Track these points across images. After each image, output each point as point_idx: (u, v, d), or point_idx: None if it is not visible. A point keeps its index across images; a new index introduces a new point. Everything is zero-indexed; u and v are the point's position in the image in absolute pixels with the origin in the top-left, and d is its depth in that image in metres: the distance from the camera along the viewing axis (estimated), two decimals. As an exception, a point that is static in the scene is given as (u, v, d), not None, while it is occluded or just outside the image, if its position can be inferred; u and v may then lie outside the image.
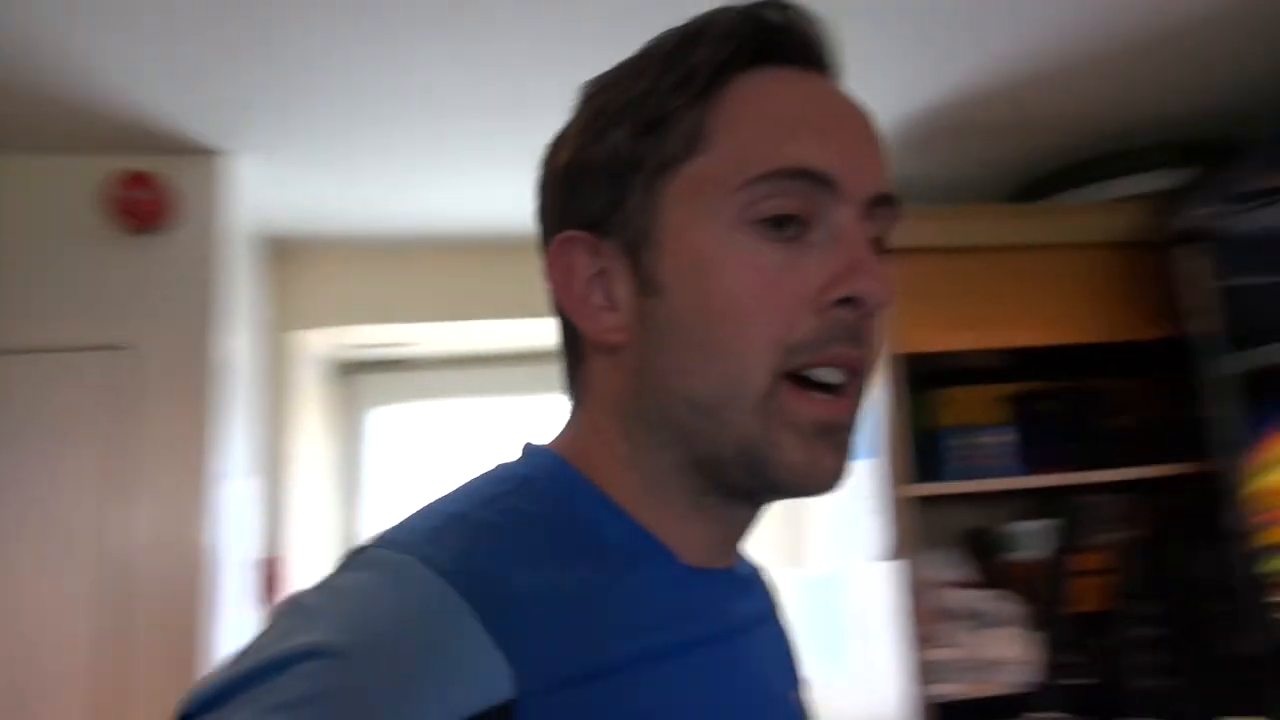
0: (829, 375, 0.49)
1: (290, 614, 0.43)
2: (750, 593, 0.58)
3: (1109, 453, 1.83)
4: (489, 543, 0.46)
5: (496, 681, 0.41)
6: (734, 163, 0.49)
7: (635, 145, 0.51)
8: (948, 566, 1.81)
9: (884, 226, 0.51)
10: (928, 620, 1.67)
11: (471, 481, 0.52)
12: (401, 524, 0.48)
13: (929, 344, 1.78)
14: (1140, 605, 1.66)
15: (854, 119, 0.52)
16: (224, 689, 0.40)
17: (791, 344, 0.48)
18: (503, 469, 0.53)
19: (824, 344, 0.48)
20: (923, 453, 1.74)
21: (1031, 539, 1.90)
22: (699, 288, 0.49)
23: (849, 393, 0.50)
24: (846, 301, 0.48)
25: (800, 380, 0.48)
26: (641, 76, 0.52)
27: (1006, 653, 1.70)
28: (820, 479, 0.49)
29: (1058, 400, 1.90)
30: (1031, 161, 1.94)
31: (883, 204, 0.50)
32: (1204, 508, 1.74)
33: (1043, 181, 1.95)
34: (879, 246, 0.51)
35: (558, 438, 0.56)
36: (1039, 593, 1.78)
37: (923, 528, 1.70)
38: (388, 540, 0.46)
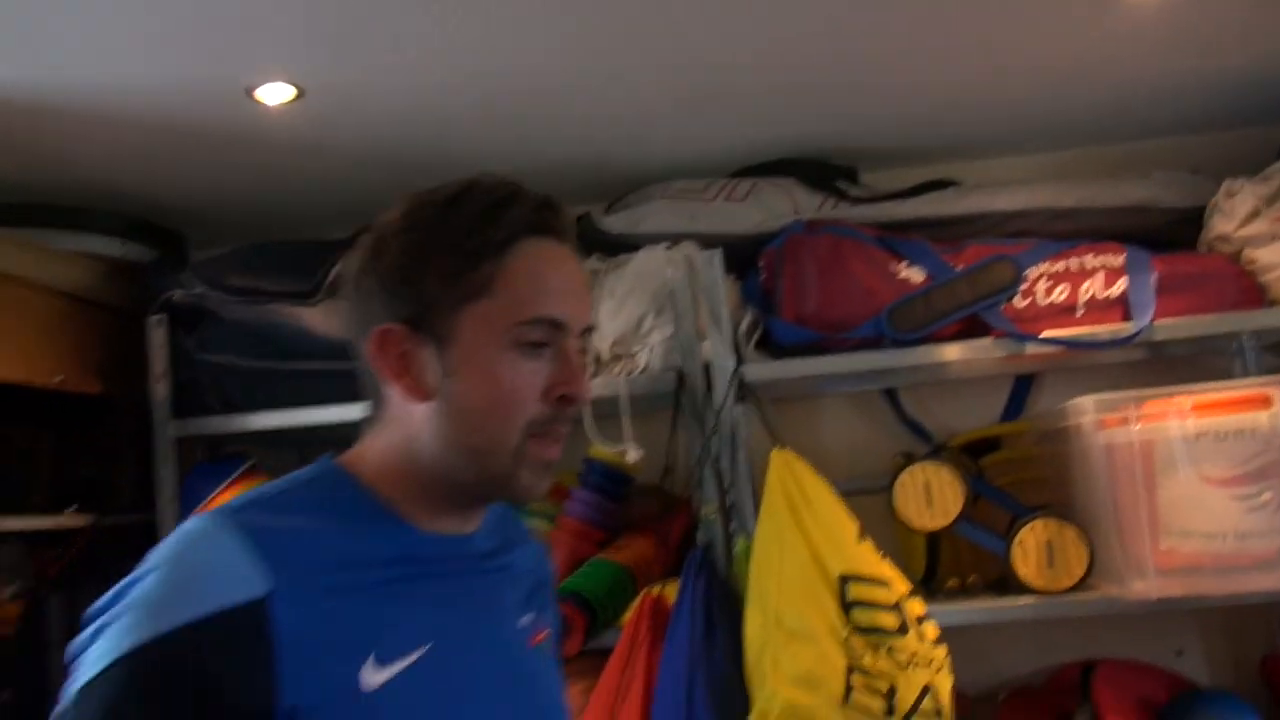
0: (551, 438, 0.81)
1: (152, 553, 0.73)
2: (486, 550, 0.87)
3: (26, 498, 1.79)
4: (265, 506, 0.77)
5: (255, 584, 0.69)
6: (511, 307, 0.79)
7: (445, 282, 0.79)
8: None
9: (587, 342, 0.85)
10: None
11: (277, 481, 0.81)
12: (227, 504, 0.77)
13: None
14: (52, 654, 1.66)
15: (578, 277, 0.85)
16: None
17: (532, 420, 0.80)
18: (297, 472, 0.82)
19: (550, 420, 0.81)
20: None
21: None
22: (484, 381, 0.79)
23: (557, 446, 0.83)
24: (563, 397, 0.80)
25: (539, 437, 0.80)
26: (455, 232, 0.80)
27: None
28: (537, 496, 0.83)
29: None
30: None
31: (588, 331, 0.85)
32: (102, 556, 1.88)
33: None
34: (583, 353, 0.85)
35: (347, 454, 0.84)
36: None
37: None
38: (216, 509, 0.75)
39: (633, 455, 1.69)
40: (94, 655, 0.68)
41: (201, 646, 0.67)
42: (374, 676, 0.73)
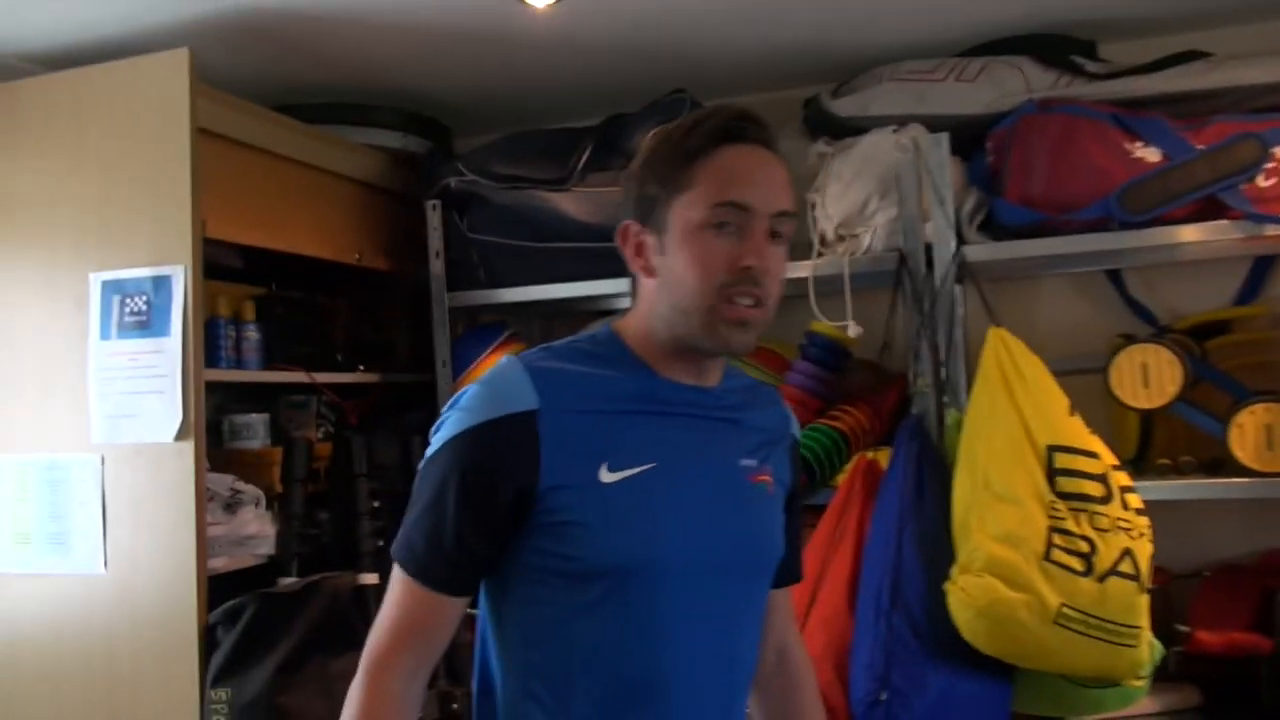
0: (742, 299, 1.01)
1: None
2: (721, 404, 1.09)
3: (331, 357, 2.16)
4: (551, 354, 1.06)
5: (530, 400, 0.98)
6: (705, 195, 1.01)
7: (661, 184, 1.03)
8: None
9: (785, 226, 1.03)
10: (203, 500, 1.73)
11: (572, 337, 1.11)
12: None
13: (233, 235, 1.82)
14: (359, 483, 2.02)
15: (768, 170, 1.03)
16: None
17: (722, 284, 1.00)
18: (588, 331, 1.12)
19: (735, 284, 1.01)
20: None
21: (257, 428, 2.08)
22: (685, 255, 1.01)
23: (755, 306, 1.02)
24: (747, 268, 1.00)
25: (728, 300, 1.00)
26: (670, 145, 1.04)
27: (256, 529, 1.87)
28: (737, 348, 1.04)
29: (293, 306, 2.12)
30: (303, 87, 2.13)
31: (783, 215, 1.03)
32: (397, 408, 2.25)
33: (304, 108, 2.14)
34: (777, 237, 1.03)
35: (621, 319, 1.10)
36: (278, 474, 1.99)
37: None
38: (519, 355, 1.05)
39: (853, 330, 1.82)
40: (436, 438, 1.02)
41: (496, 435, 0.98)
42: (608, 476, 1.00)
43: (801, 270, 1.85)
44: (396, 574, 1.03)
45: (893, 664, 1.46)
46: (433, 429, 1.04)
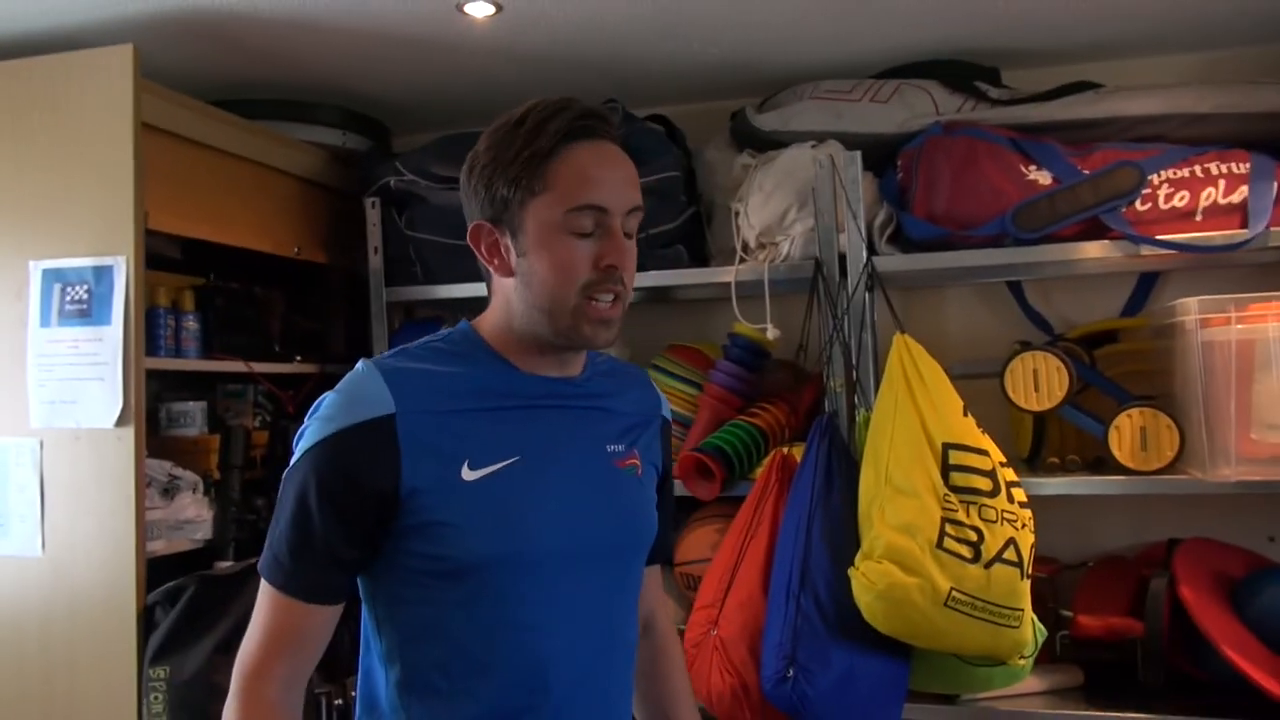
0: (604, 297, 1.05)
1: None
2: (585, 392, 1.13)
3: (269, 347, 2.21)
4: (406, 356, 1.07)
5: (387, 405, 1.00)
6: (562, 199, 1.03)
7: (512, 186, 1.04)
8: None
9: (635, 221, 1.08)
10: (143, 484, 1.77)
11: (427, 336, 1.11)
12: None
13: (175, 227, 1.87)
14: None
15: (619, 168, 1.06)
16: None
17: (586, 284, 1.04)
18: (444, 329, 1.13)
19: (599, 284, 1.04)
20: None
21: (194, 416, 2.12)
22: (547, 258, 1.04)
23: (616, 302, 1.06)
24: (609, 268, 1.04)
25: (590, 299, 1.04)
26: (516, 145, 1.04)
27: (194, 513, 1.92)
28: (601, 344, 1.08)
29: (231, 297, 2.16)
30: (245, 83, 2.17)
31: (634, 211, 1.07)
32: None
33: (246, 104, 2.18)
34: (630, 230, 1.07)
35: (477, 317, 1.13)
36: (215, 461, 2.03)
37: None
38: (372, 358, 1.07)
39: (772, 333, 1.93)
40: (297, 449, 1.02)
41: (354, 442, 0.99)
42: (470, 474, 1.01)
43: (725, 275, 1.96)
44: (265, 588, 1.03)
45: (800, 643, 1.57)
46: (295, 437, 1.04)
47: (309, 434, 1.02)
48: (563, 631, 1.05)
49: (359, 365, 1.06)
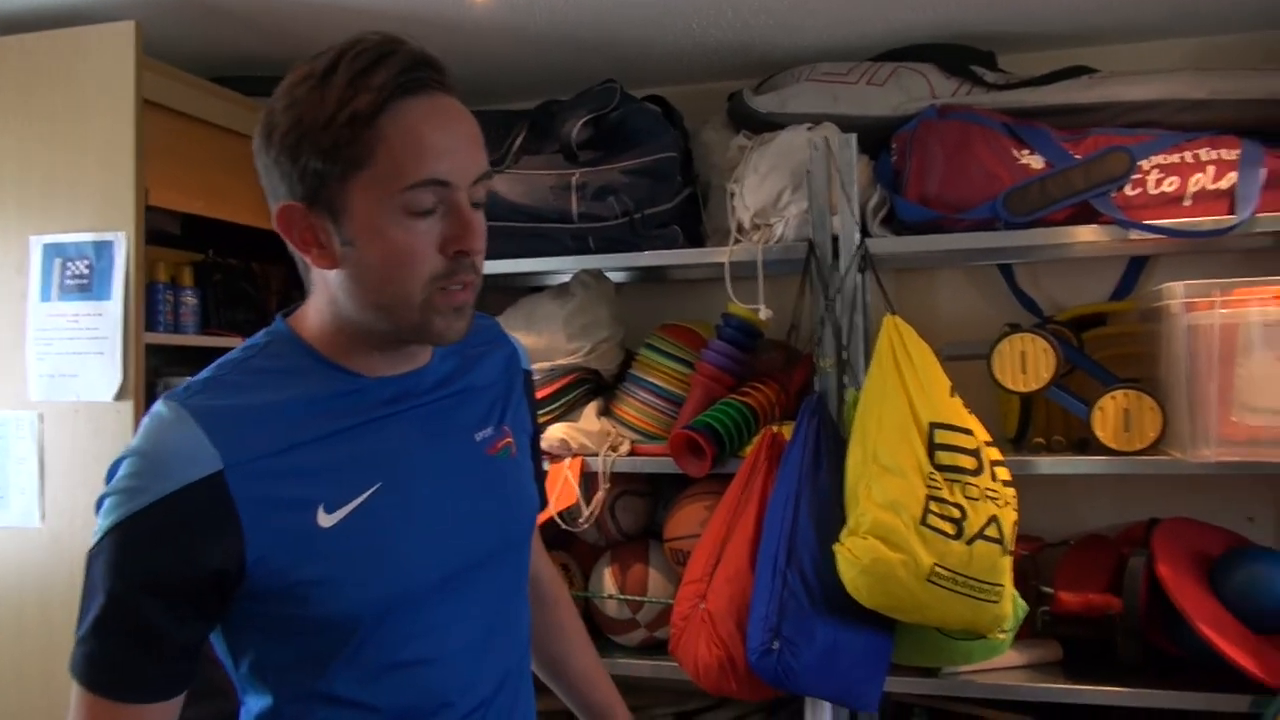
0: (455, 286, 0.88)
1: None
2: (439, 379, 0.97)
3: (267, 322, 2.23)
4: (220, 388, 0.86)
5: (210, 461, 0.80)
6: (395, 174, 0.83)
7: (328, 158, 0.82)
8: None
9: (483, 188, 0.89)
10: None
11: (239, 348, 0.93)
12: (192, 378, 0.89)
13: (176, 203, 1.89)
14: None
15: (460, 129, 0.87)
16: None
17: (434, 274, 0.86)
18: (257, 335, 0.94)
19: (450, 274, 0.87)
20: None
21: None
22: (381, 246, 0.84)
23: (468, 291, 0.89)
24: (461, 253, 0.87)
25: (442, 289, 0.87)
26: (328, 106, 0.82)
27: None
28: (454, 337, 0.90)
29: (229, 273, 2.19)
30: (247, 59, 2.18)
31: (480, 179, 0.88)
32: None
33: (247, 80, 2.20)
34: (479, 200, 0.89)
35: (295, 312, 0.95)
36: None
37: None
38: (173, 390, 0.86)
39: (764, 313, 1.96)
40: (98, 526, 0.83)
41: (173, 515, 0.79)
42: (328, 519, 0.84)
43: (720, 256, 1.98)
44: (78, 692, 0.82)
45: (785, 617, 1.61)
46: (95, 504, 0.84)
47: (108, 508, 0.81)
48: (463, 653, 0.94)
49: (159, 406, 0.84)
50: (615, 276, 2.27)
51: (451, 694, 0.93)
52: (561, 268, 2.10)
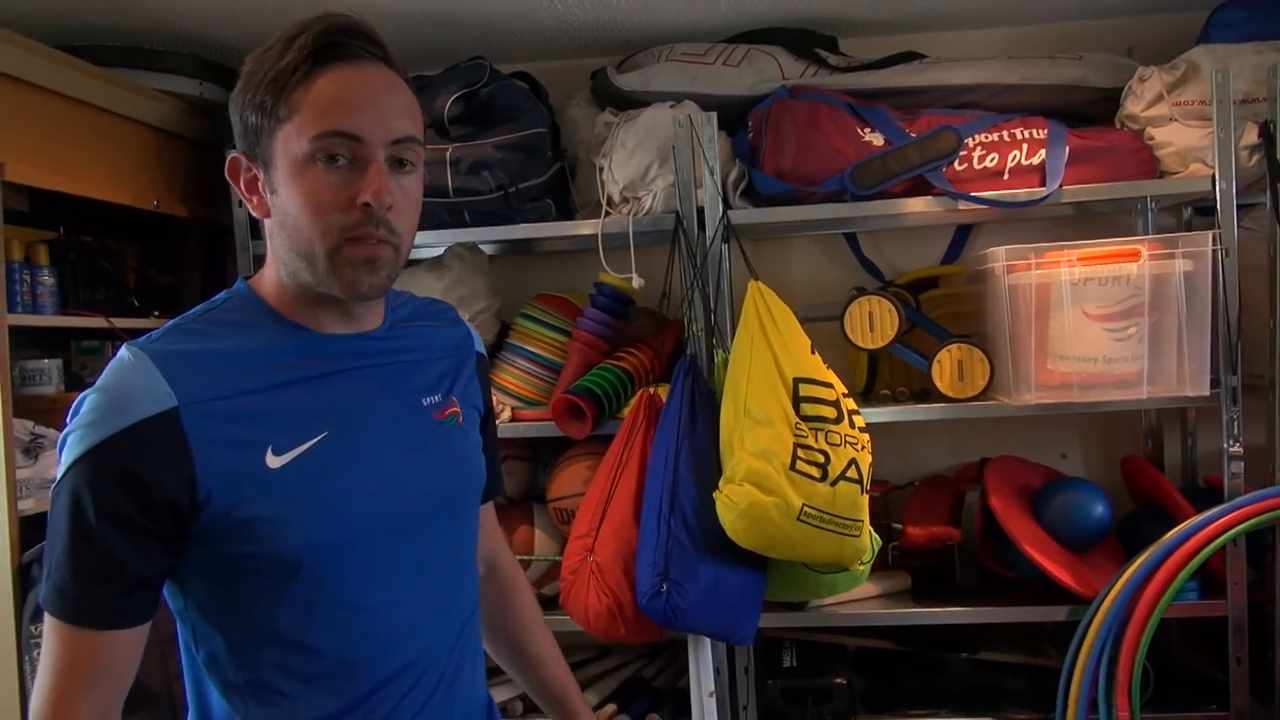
0: (367, 239, 0.92)
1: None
2: (387, 345, 1.03)
3: (127, 301, 2.17)
4: (181, 335, 0.93)
5: (165, 399, 0.86)
6: (309, 125, 0.90)
7: (261, 113, 0.92)
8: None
9: (411, 153, 0.95)
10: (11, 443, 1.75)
11: (201, 304, 0.98)
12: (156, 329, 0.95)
13: (32, 179, 1.82)
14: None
15: (376, 93, 0.92)
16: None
17: (344, 225, 0.91)
18: (219, 294, 1.00)
19: (358, 225, 0.91)
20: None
21: (50, 374, 2.06)
22: (296, 194, 0.91)
23: (383, 244, 0.93)
24: (365, 205, 0.91)
25: (352, 240, 0.91)
26: (264, 69, 0.92)
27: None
28: (365, 291, 0.94)
29: (86, 251, 2.11)
30: (98, 29, 2.09)
31: (405, 141, 0.94)
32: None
33: (99, 50, 2.11)
34: (404, 166, 0.94)
35: (255, 275, 1.01)
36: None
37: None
38: (137, 340, 0.92)
39: (636, 282, 2.07)
40: (61, 460, 0.88)
41: (130, 448, 0.85)
42: (275, 460, 0.90)
43: (591, 228, 2.07)
44: (51, 623, 0.88)
45: (671, 561, 1.74)
46: (58, 442, 0.90)
47: (71, 443, 0.86)
48: (404, 605, 0.98)
49: (122, 352, 0.91)
50: (488, 249, 2.33)
51: (391, 645, 0.97)
52: (437, 242, 2.14)
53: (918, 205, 2.00)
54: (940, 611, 1.99)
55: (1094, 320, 1.88)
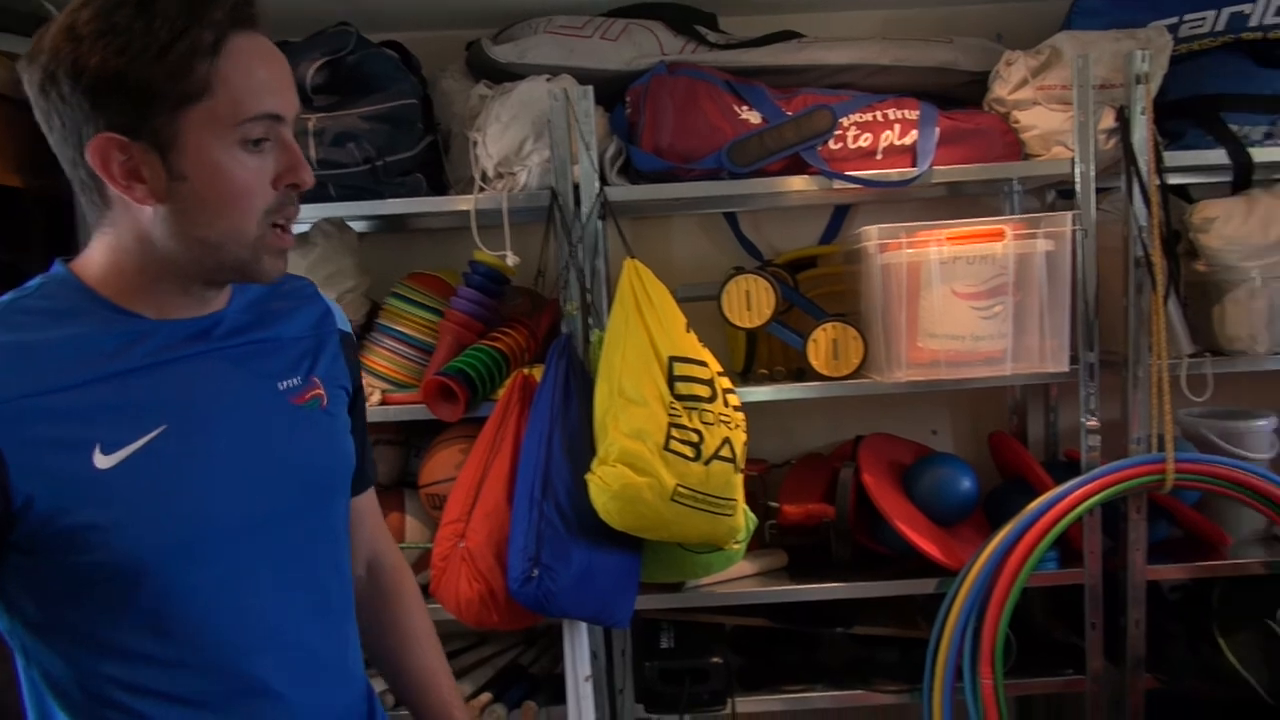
0: (283, 221, 0.91)
1: None
2: (235, 327, 0.96)
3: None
4: None
5: None
6: (232, 106, 0.84)
7: (159, 88, 0.81)
8: None
9: (295, 124, 0.92)
10: None
11: (11, 291, 0.88)
12: None
13: None
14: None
15: (285, 67, 0.90)
16: None
17: (268, 209, 0.89)
18: (37, 278, 0.91)
19: (282, 206, 0.90)
20: None
21: None
22: (216, 181, 0.85)
23: (288, 233, 0.92)
24: (292, 185, 0.90)
25: (274, 226, 0.90)
26: (162, 34, 0.80)
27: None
28: (276, 277, 0.93)
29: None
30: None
31: (296, 116, 0.91)
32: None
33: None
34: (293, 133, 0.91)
35: (77, 258, 0.91)
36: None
37: None
38: None
39: (511, 260, 2.01)
40: None
41: None
42: (105, 460, 0.82)
43: (465, 204, 2.01)
44: None
45: (543, 545, 1.70)
46: None
47: None
48: (266, 608, 0.92)
49: None
50: (357, 226, 2.23)
51: (254, 652, 0.91)
52: (301, 217, 2.03)
53: (794, 184, 2.00)
54: (815, 588, 2.00)
55: (962, 299, 1.91)
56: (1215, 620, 1.99)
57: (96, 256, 0.89)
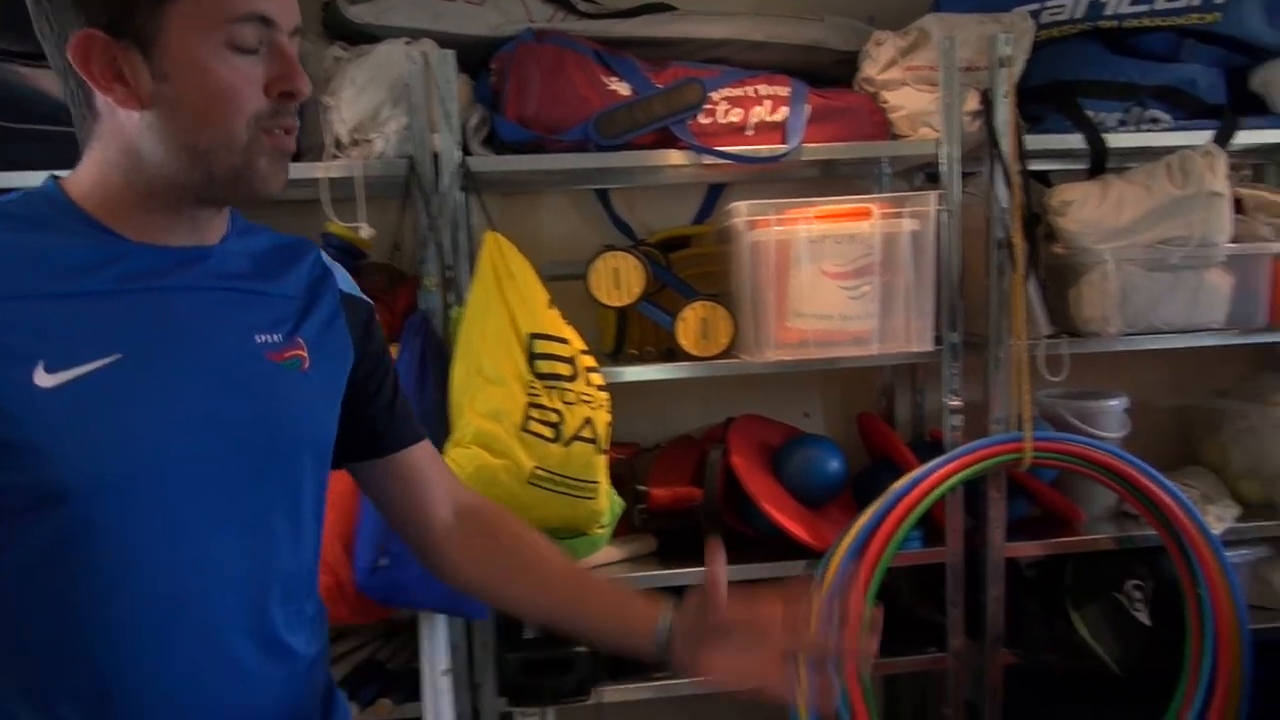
0: (278, 129, 0.84)
1: None
2: (229, 271, 0.91)
3: None
4: None
5: None
6: (219, 4, 0.79)
7: None
8: None
9: (298, 41, 0.87)
10: None
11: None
12: None
13: None
14: None
15: None
16: None
17: (258, 114, 0.83)
18: (25, 191, 0.86)
19: (275, 114, 0.84)
20: None
21: None
22: (201, 82, 0.80)
23: (291, 137, 0.86)
24: (285, 93, 0.84)
25: (265, 130, 0.83)
26: None
27: None
28: (276, 188, 0.86)
29: None
30: None
31: (297, 31, 0.86)
32: None
33: None
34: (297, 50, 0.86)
35: (71, 173, 0.87)
36: None
37: None
38: None
39: (366, 233, 1.90)
40: None
41: None
42: (47, 379, 0.77)
43: (315, 171, 1.88)
44: None
45: (392, 533, 1.60)
46: None
47: None
48: (201, 569, 0.84)
49: None
50: (200, 194, 2.07)
51: (179, 614, 0.84)
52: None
53: (664, 158, 1.95)
54: (684, 572, 1.96)
55: (831, 278, 1.90)
56: (1068, 595, 2.04)
57: (84, 171, 0.86)
